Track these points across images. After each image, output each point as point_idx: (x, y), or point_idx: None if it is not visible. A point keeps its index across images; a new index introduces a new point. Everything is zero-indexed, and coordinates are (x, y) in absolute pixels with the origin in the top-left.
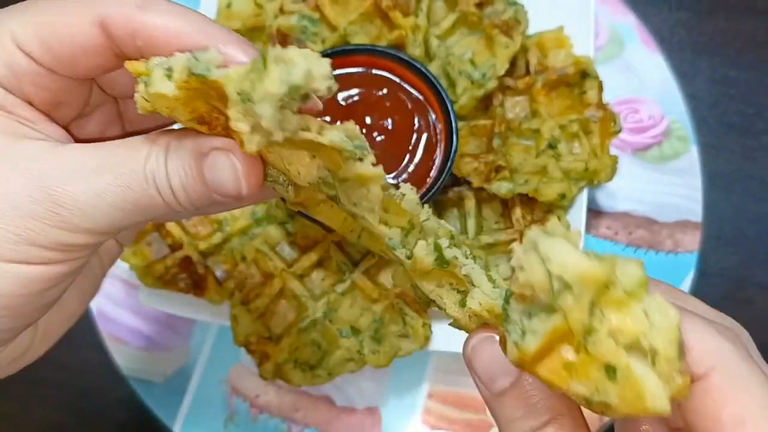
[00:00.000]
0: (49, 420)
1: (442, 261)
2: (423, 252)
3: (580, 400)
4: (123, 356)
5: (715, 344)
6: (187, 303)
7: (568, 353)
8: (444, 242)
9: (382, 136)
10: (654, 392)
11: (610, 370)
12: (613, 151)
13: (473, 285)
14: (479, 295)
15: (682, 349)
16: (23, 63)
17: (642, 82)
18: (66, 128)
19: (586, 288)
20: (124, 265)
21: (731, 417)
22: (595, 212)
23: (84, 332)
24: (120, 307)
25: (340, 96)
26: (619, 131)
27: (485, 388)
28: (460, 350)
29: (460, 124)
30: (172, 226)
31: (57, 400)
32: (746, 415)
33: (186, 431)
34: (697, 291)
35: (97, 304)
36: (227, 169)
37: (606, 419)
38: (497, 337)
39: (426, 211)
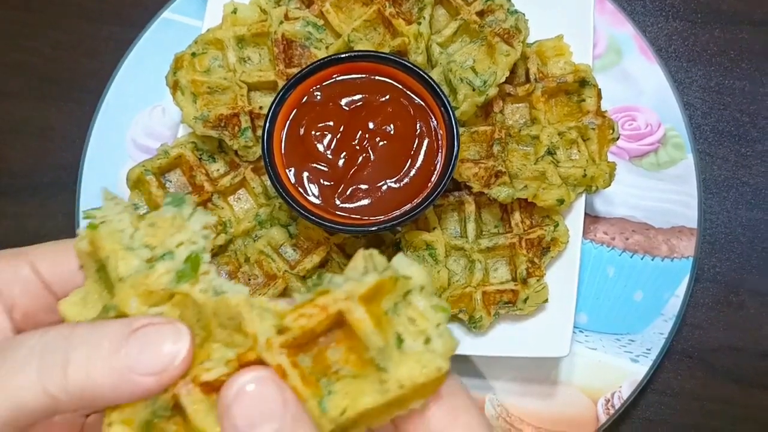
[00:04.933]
0: None
1: None
2: None
3: None
4: None
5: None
6: None
7: None
8: None
9: (385, 141)
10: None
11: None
12: (609, 157)
13: None
14: None
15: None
16: None
17: (639, 90)
18: None
19: None
20: None
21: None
22: (592, 217)
23: None
24: None
25: (344, 101)
26: (617, 138)
27: None
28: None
29: (461, 129)
30: None
31: None
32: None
33: None
34: (692, 296)
35: None
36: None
37: (604, 421)
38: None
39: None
